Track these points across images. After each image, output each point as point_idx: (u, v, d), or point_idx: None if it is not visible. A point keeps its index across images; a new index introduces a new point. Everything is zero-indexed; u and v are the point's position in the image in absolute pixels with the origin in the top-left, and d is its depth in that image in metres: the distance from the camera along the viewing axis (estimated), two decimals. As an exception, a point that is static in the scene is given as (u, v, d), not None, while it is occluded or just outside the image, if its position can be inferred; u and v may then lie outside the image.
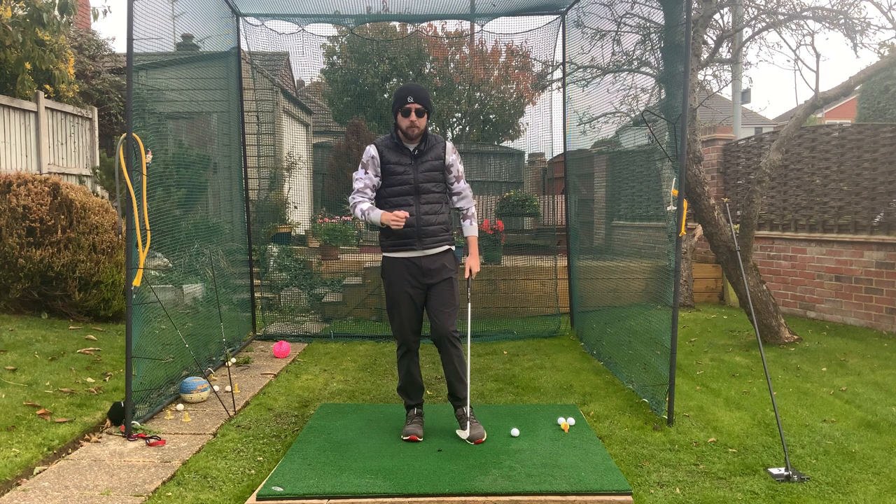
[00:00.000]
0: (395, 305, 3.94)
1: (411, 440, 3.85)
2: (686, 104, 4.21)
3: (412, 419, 4.01)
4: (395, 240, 3.88)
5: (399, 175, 3.86)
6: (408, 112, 3.80)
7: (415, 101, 3.79)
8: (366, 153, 3.91)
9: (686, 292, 8.51)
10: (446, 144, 3.96)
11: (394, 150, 3.89)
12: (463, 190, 4.02)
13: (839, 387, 5.04)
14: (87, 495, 3.19)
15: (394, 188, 3.88)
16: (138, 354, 4.19)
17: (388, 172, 3.87)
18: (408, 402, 4.08)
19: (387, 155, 3.87)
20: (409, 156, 3.88)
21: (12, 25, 7.56)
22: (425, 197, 3.88)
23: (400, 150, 3.89)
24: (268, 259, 8.93)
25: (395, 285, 3.92)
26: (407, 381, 4.04)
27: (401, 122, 3.84)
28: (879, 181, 7.22)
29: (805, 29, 6.69)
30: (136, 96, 4.29)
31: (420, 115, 3.82)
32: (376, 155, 3.88)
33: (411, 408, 4.06)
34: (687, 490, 3.31)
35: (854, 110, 14.60)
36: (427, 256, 3.89)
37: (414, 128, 3.82)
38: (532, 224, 11.36)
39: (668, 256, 4.55)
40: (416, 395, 4.06)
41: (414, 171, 3.87)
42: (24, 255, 5.85)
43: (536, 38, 7.09)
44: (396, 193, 3.87)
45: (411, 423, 3.97)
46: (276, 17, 6.63)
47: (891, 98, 12.45)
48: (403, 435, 3.89)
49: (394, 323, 3.99)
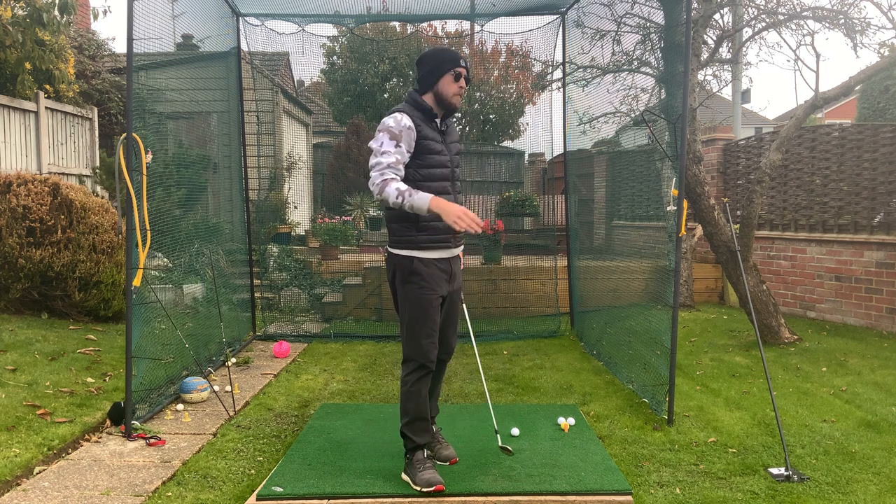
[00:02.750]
0: (424, 319, 3.14)
1: (438, 490, 3.10)
2: (686, 104, 4.21)
3: (424, 465, 3.21)
4: (433, 235, 3.13)
5: (437, 155, 3.13)
6: (459, 76, 3.11)
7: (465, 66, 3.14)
8: (397, 121, 3.04)
9: (686, 292, 8.51)
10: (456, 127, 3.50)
11: (428, 125, 3.15)
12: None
13: (839, 387, 5.05)
14: (87, 495, 3.19)
15: (432, 170, 3.12)
16: (138, 354, 4.19)
17: (423, 150, 3.10)
18: (420, 442, 3.25)
19: (424, 129, 3.11)
20: (439, 132, 3.20)
21: (12, 25, 7.56)
22: (458, 185, 3.27)
23: (433, 125, 3.17)
24: (268, 259, 8.93)
25: (428, 293, 3.14)
26: (420, 414, 3.22)
27: (447, 89, 3.11)
28: (879, 181, 7.23)
29: (805, 29, 6.70)
30: (136, 96, 4.29)
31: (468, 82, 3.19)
32: (413, 126, 3.07)
33: (420, 449, 3.26)
34: (687, 490, 3.31)
35: (854, 110, 14.60)
36: (456, 257, 3.29)
37: (459, 96, 3.15)
38: (532, 224, 11.36)
39: (668, 256, 4.55)
40: (425, 433, 3.28)
41: (449, 153, 3.22)
42: (24, 255, 5.85)
43: (536, 38, 7.09)
44: (435, 178, 3.12)
45: (426, 470, 3.18)
46: (276, 17, 6.63)
47: (891, 98, 12.45)
48: (424, 486, 3.11)
49: (420, 338, 3.15)
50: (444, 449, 3.48)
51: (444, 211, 2.90)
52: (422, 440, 3.26)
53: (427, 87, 3.17)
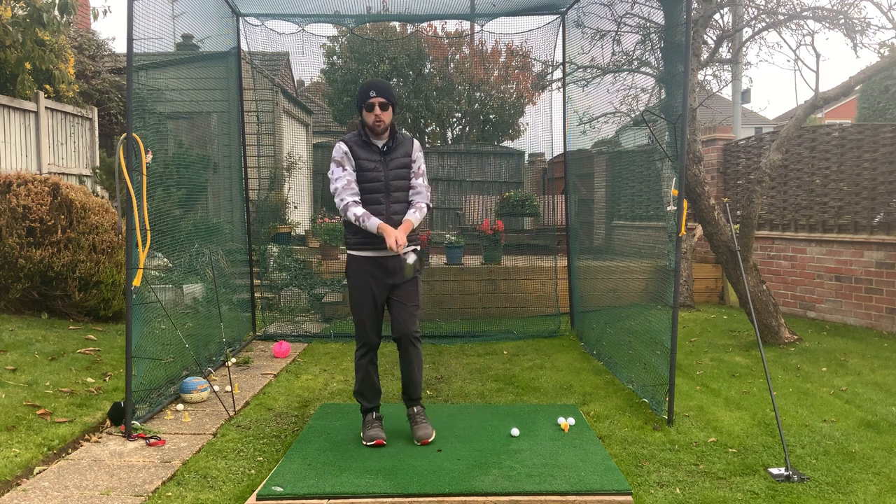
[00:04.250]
0: (358, 304, 3.86)
1: (378, 444, 3.76)
2: (686, 104, 4.21)
3: (372, 423, 3.89)
4: (364, 238, 3.77)
5: (370, 172, 3.77)
6: (371, 107, 3.70)
7: (377, 95, 3.69)
8: (337, 150, 3.79)
9: (686, 292, 8.51)
10: (414, 142, 3.91)
11: (363, 146, 3.79)
12: (418, 186, 3.87)
13: (839, 387, 5.05)
14: (87, 495, 3.19)
15: (364, 185, 3.77)
16: (138, 354, 4.19)
17: (358, 169, 3.77)
18: (365, 406, 3.96)
19: (357, 151, 3.77)
20: (379, 153, 3.80)
21: (12, 25, 7.56)
22: (395, 195, 3.81)
23: (369, 146, 3.79)
24: (268, 259, 8.93)
25: (359, 284, 3.84)
26: (365, 384, 3.93)
27: (366, 118, 3.75)
28: (879, 181, 7.23)
29: (805, 29, 6.70)
30: (136, 96, 4.29)
31: (384, 108, 3.72)
32: (348, 151, 3.77)
33: (369, 411, 3.95)
34: (687, 490, 3.31)
35: (854, 110, 14.60)
36: (394, 256, 3.77)
37: (379, 122, 3.73)
38: (532, 224, 11.36)
39: (668, 256, 4.55)
40: (374, 398, 3.96)
41: (384, 169, 3.79)
42: (24, 255, 5.85)
43: (536, 38, 7.09)
44: (367, 191, 3.77)
45: (372, 428, 3.85)
46: (276, 17, 6.63)
47: (891, 98, 12.45)
48: (367, 440, 3.79)
49: (356, 322, 3.91)
50: (422, 428, 3.87)
51: (386, 234, 3.65)
52: (367, 404, 3.94)
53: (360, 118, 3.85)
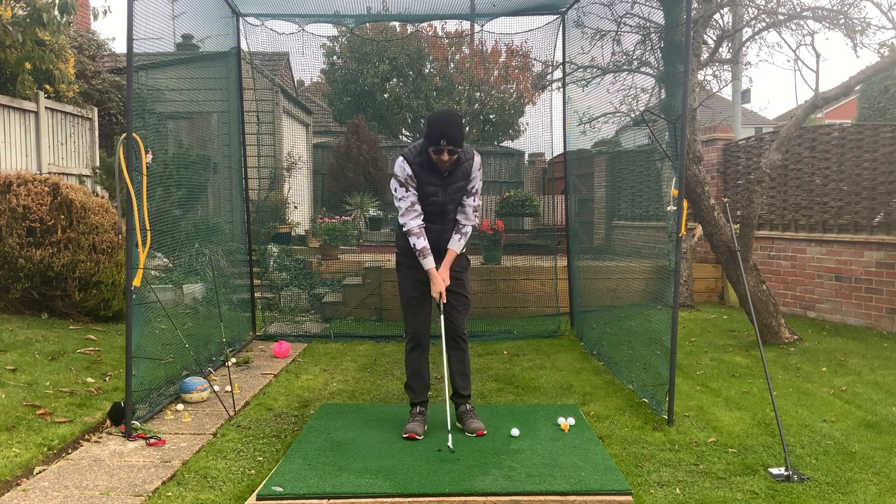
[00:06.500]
0: (410, 299, 3.96)
1: (410, 437, 3.85)
2: (686, 104, 4.21)
3: (414, 417, 4.01)
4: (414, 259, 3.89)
5: (430, 196, 3.85)
6: (440, 151, 3.72)
7: (448, 144, 3.68)
8: (400, 168, 3.82)
9: (686, 292, 8.51)
10: (475, 159, 3.91)
11: (426, 170, 3.83)
12: (467, 206, 3.94)
13: (839, 387, 5.04)
14: (87, 495, 3.19)
15: (424, 207, 3.86)
16: (138, 354, 4.19)
17: (420, 191, 3.83)
18: (413, 399, 4.07)
19: (420, 174, 3.82)
20: (439, 176, 3.84)
21: (12, 25, 7.55)
22: (449, 217, 3.94)
23: (431, 170, 3.83)
24: (268, 259, 8.93)
25: (411, 278, 3.94)
26: (414, 378, 4.05)
27: (431, 155, 3.75)
28: (879, 181, 7.22)
29: (805, 29, 6.69)
30: (136, 96, 4.29)
31: (452, 154, 3.74)
32: (412, 175, 3.81)
33: (415, 405, 4.06)
34: (687, 490, 3.31)
35: (854, 110, 14.61)
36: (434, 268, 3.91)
37: (444, 163, 3.77)
38: (532, 224, 11.37)
39: (668, 256, 4.55)
40: (422, 392, 4.07)
41: (443, 194, 3.87)
42: (24, 255, 5.85)
43: (536, 38, 7.09)
44: (427, 211, 3.86)
45: (413, 421, 3.97)
46: (276, 17, 6.62)
47: (891, 98, 12.46)
48: (403, 432, 3.89)
49: (407, 317, 4.01)
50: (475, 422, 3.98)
51: (433, 282, 3.85)
52: (415, 398, 4.05)
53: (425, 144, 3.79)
